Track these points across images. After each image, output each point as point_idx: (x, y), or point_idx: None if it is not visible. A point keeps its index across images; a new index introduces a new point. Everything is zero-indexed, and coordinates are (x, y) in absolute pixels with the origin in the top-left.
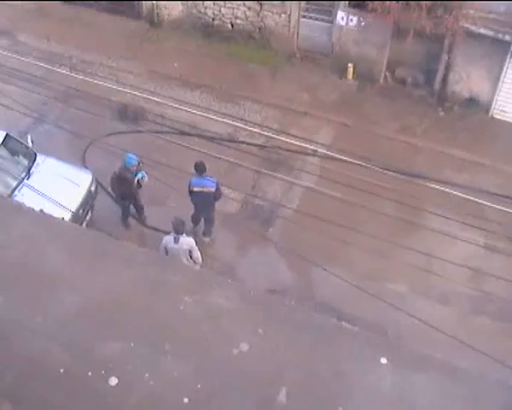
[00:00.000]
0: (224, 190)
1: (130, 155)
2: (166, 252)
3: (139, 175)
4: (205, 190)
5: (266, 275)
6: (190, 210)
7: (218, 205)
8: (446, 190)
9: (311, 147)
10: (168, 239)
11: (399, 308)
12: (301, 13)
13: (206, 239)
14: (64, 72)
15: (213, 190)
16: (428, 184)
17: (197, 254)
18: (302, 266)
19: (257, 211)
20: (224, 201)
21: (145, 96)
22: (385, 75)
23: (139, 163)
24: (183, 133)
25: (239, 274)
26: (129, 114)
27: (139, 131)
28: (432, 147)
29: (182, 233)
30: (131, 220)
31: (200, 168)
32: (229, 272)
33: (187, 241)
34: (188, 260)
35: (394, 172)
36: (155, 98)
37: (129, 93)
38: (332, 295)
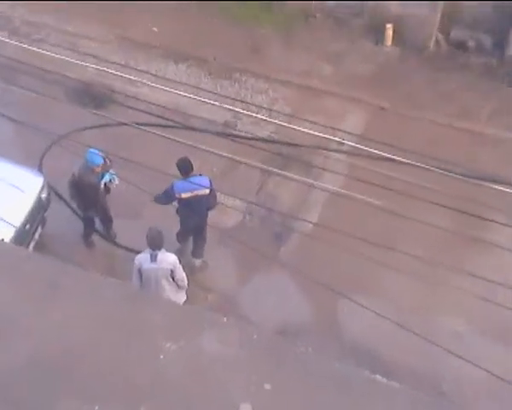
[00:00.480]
0: (221, 197)
1: (93, 151)
2: (141, 276)
3: (106, 177)
4: (197, 194)
5: (276, 311)
6: (175, 224)
7: (211, 216)
8: None
9: (336, 138)
10: (142, 258)
11: (457, 354)
12: None
13: (197, 262)
14: (2, 38)
15: (207, 192)
16: (496, 186)
17: (182, 274)
18: (324, 298)
19: (264, 224)
20: (221, 211)
21: (113, 71)
22: (436, 39)
23: (106, 161)
24: (173, 126)
25: (239, 310)
26: (92, 97)
27: (123, 123)
28: (501, 136)
29: (160, 248)
30: (96, 238)
31: (184, 167)
32: (226, 308)
33: (167, 258)
34: (169, 283)
35: (449, 171)
36: (127, 74)
37: (91, 67)
38: (364, 336)
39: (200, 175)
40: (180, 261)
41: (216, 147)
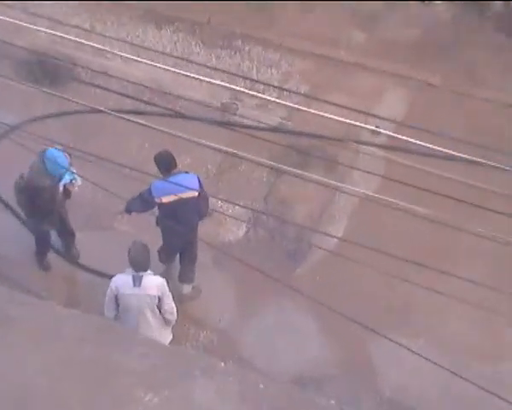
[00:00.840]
0: (216, 204)
1: (53, 151)
2: (118, 304)
3: (66, 178)
4: (181, 197)
5: (289, 353)
6: (156, 239)
7: (203, 228)
8: None
9: (369, 126)
10: (121, 281)
11: None
12: None
13: (186, 288)
14: None
15: (196, 193)
16: None
17: (171, 303)
18: (353, 336)
19: (274, 239)
20: (216, 221)
21: (74, 37)
22: None
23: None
24: (154, 112)
25: (241, 352)
26: (47, 72)
27: (89, 109)
28: None
29: (146, 269)
30: (53, 257)
31: (164, 162)
32: (223, 349)
33: (154, 282)
34: (155, 315)
35: None
36: (93, 42)
37: (46, 33)
38: (405, 385)
39: (187, 173)
40: (169, 287)
41: (211, 138)
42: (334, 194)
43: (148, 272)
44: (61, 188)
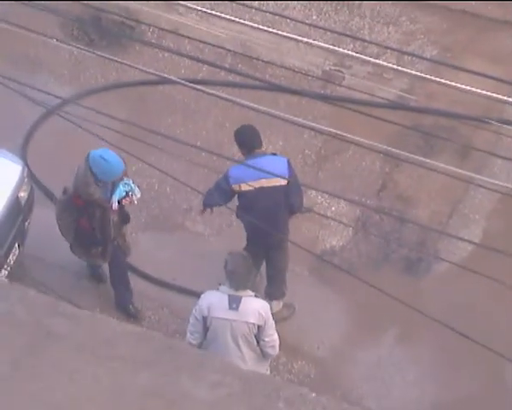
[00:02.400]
0: (315, 198)
1: (103, 152)
2: (207, 328)
3: (121, 189)
4: (264, 184)
5: (410, 392)
6: (238, 243)
7: (296, 228)
8: None
9: None
10: (214, 300)
11: None
12: None
13: (275, 305)
14: None
15: (284, 181)
16: None
17: (274, 335)
18: (489, 368)
19: (389, 244)
20: (315, 220)
21: None
22: None
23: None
24: (239, 84)
25: (346, 389)
26: (102, 30)
27: (157, 80)
28: None
29: (246, 288)
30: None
31: (246, 140)
32: (323, 384)
33: (256, 306)
34: (251, 346)
35: None
36: None
37: None
38: None
39: (274, 155)
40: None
41: (310, 116)
42: (468, 188)
43: (249, 292)
44: (114, 204)
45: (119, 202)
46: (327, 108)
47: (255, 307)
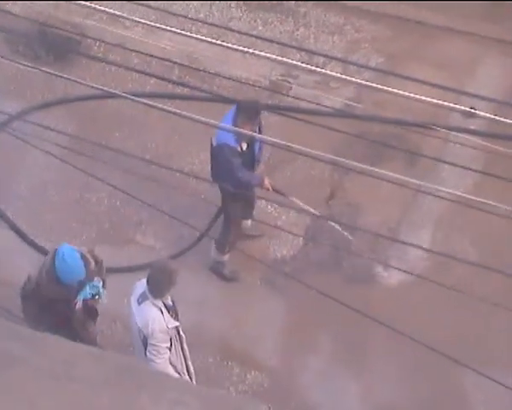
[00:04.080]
0: (267, 209)
1: (68, 250)
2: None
3: (86, 291)
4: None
5: (362, 396)
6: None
7: (251, 241)
8: None
9: (462, 106)
10: (136, 287)
11: None
12: None
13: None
14: None
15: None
16: None
17: (153, 355)
18: (440, 372)
19: (339, 254)
20: (268, 231)
21: (84, 1)
22: None
23: (89, 263)
24: (186, 97)
25: (300, 398)
26: (49, 45)
27: (105, 95)
28: None
29: (155, 295)
30: None
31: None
32: (277, 394)
33: (146, 314)
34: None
35: None
36: (108, 7)
37: None
38: None
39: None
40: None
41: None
42: (416, 195)
43: (150, 299)
44: (79, 303)
45: (84, 302)
46: (274, 117)
47: (145, 314)
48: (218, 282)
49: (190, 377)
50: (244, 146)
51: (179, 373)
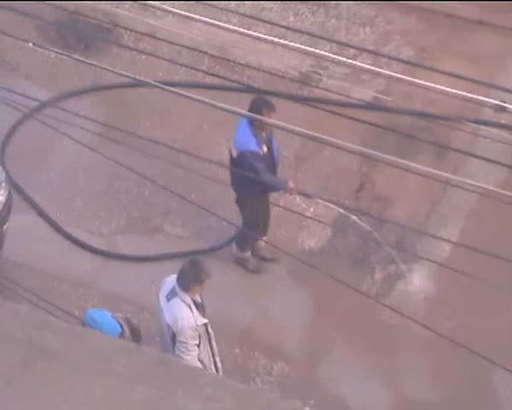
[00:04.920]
0: (295, 200)
1: (95, 314)
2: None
3: None
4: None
5: (389, 391)
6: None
7: (277, 231)
8: None
9: (493, 100)
10: (165, 284)
11: None
12: None
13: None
14: None
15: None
16: None
17: (182, 352)
18: (471, 370)
19: (369, 245)
20: (295, 222)
21: None
22: None
23: (123, 330)
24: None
25: (327, 390)
26: (80, 34)
27: (135, 83)
28: None
29: (185, 289)
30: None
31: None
32: (303, 385)
33: (175, 310)
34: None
35: None
36: None
37: None
38: None
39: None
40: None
41: (287, 117)
42: (446, 188)
43: (187, 298)
44: None
45: None
46: (304, 108)
47: (174, 310)
48: (245, 272)
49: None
50: (265, 149)
51: (206, 369)
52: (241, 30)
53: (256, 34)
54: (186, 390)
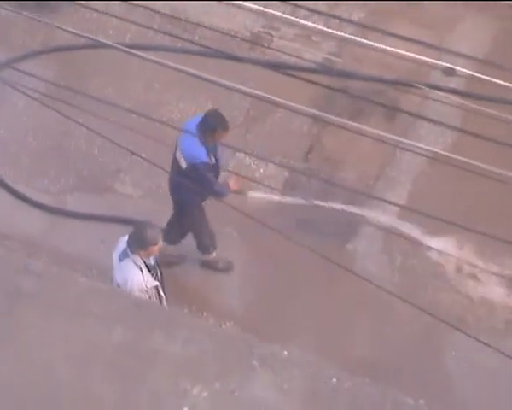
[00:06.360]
0: (245, 161)
1: None
2: None
3: None
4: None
5: (343, 344)
6: (166, 203)
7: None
8: None
9: (442, 63)
10: (118, 245)
11: None
12: None
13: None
14: None
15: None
16: None
17: None
18: (422, 327)
19: (318, 206)
20: (245, 183)
21: None
22: None
23: None
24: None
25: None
26: None
27: (91, 43)
28: None
29: (133, 251)
30: None
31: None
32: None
33: (126, 270)
34: None
35: None
36: None
37: None
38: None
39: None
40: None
41: (238, 78)
42: (395, 151)
43: (132, 257)
44: None
45: None
46: (255, 69)
47: (122, 273)
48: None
49: None
50: (213, 159)
51: None
52: None
53: None
54: (164, 332)
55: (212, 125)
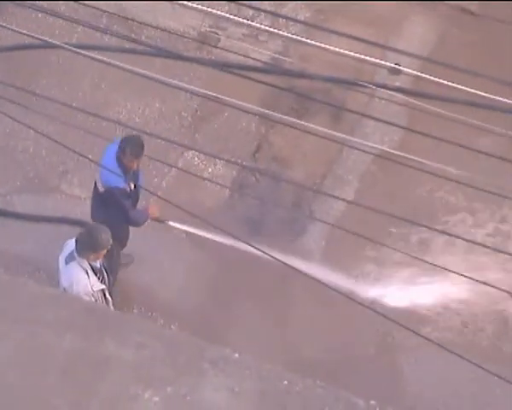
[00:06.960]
0: (194, 160)
1: None
2: None
3: None
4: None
5: (286, 341)
6: None
7: (178, 191)
8: None
9: (387, 63)
10: (65, 248)
11: None
12: None
13: None
14: None
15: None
16: None
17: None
18: (365, 318)
19: (266, 204)
20: (194, 182)
21: None
22: None
23: None
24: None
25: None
26: None
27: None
28: None
29: (80, 254)
30: None
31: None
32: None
33: (72, 273)
34: None
35: None
36: None
37: None
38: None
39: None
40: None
41: (185, 77)
42: (342, 150)
43: (78, 260)
44: None
45: None
46: (202, 69)
47: (68, 274)
48: (145, 235)
49: None
50: (132, 186)
51: None
52: None
53: None
54: (116, 338)
55: (122, 147)
